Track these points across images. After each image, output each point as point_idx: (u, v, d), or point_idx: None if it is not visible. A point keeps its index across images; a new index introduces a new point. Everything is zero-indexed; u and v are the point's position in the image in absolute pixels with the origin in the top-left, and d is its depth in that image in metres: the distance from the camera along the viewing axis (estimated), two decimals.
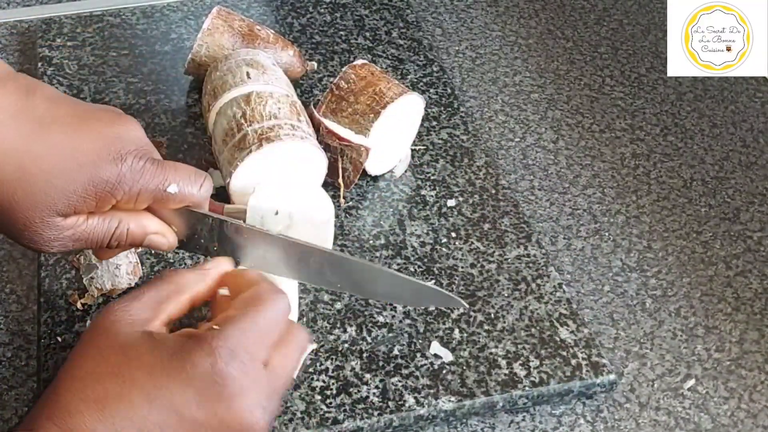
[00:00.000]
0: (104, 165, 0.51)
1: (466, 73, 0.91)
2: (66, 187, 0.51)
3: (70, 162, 0.51)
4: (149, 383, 0.45)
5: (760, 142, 0.86)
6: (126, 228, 0.55)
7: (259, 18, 0.92)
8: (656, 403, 0.64)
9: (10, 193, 0.50)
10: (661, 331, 0.69)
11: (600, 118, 0.87)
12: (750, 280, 0.73)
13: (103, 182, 0.51)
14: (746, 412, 0.64)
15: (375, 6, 0.96)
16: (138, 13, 0.92)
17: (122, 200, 0.53)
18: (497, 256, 0.71)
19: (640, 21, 1.00)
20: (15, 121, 0.50)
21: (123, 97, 0.81)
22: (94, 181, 0.51)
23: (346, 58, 0.88)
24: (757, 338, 0.69)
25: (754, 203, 0.80)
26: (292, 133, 0.67)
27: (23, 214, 0.51)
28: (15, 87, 0.51)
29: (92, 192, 0.52)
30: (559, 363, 0.63)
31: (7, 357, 0.63)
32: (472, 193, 0.76)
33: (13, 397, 0.61)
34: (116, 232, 0.55)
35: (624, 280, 0.73)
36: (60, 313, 0.63)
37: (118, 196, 0.53)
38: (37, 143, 0.50)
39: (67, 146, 0.51)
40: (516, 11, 1.00)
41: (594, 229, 0.77)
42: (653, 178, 0.81)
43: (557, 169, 0.82)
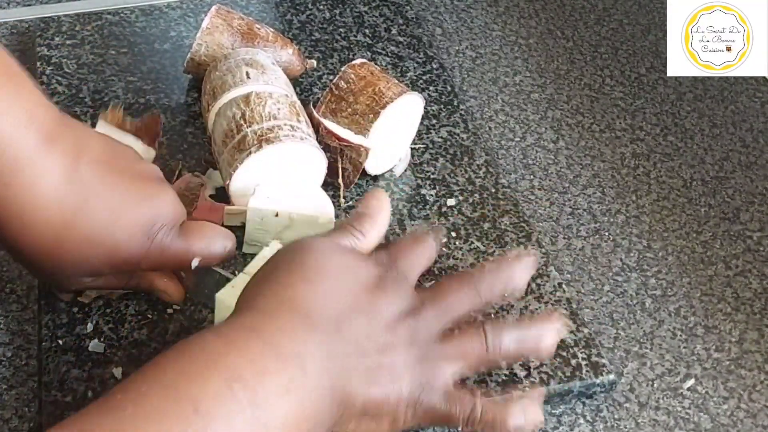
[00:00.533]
0: (135, 244, 0.55)
1: (467, 72, 0.91)
2: (98, 260, 0.55)
3: (107, 238, 0.54)
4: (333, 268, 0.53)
5: (760, 142, 0.86)
6: (136, 282, 0.60)
7: (258, 15, 0.92)
8: (656, 402, 0.64)
9: (44, 257, 0.54)
10: (661, 331, 0.69)
11: (600, 117, 0.87)
12: (750, 280, 0.73)
13: (132, 259, 0.56)
14: (746, 411, 0.64)
15: (374, 3, 0.96)
16: (137, 12, 0.92)
17: (145, 269, 0.58)
18: (497, 255, 0.71)
19: (640, 21, 1.00)
20: (60, 192, 0.52)
21: (122, 96, 0.81)
22: (124, 257, 0.55)
23: (345, 56, 0.88)
24: (757, 338, 0.69)
25: (754, 203, 0.80)
26: (292, 134, 0.67)
27: (51, 273, 0.56)
28: (63, 150, 0.53)
29: (120, 266, 0.56)
30: (558, 363, 0.63)
31: (7, 357, 0.63)
32: (472, 192, 0.76)
33: (13, 397, 0.61)
34: (128, 284, 0.60)
35: (624, 279, 0.73)
36: (61, 316, 0.63)
37: (143, 267, 0.57)
38: (77, 217, 0.53)
39: (106, 223, 0.54)
40: (516, 11, 1.00)
41: (594, 228, 0.77)
42: (653, 178, 0.81)
43: (557, 168, 0.82)
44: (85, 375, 0.59)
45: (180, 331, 0.62)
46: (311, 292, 0.51)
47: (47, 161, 0.52)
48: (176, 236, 0.57)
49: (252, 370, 0.45)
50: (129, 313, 0.63)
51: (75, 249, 0.54)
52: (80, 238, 0.53)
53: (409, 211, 0.74)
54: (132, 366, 0.60)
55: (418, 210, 0.74)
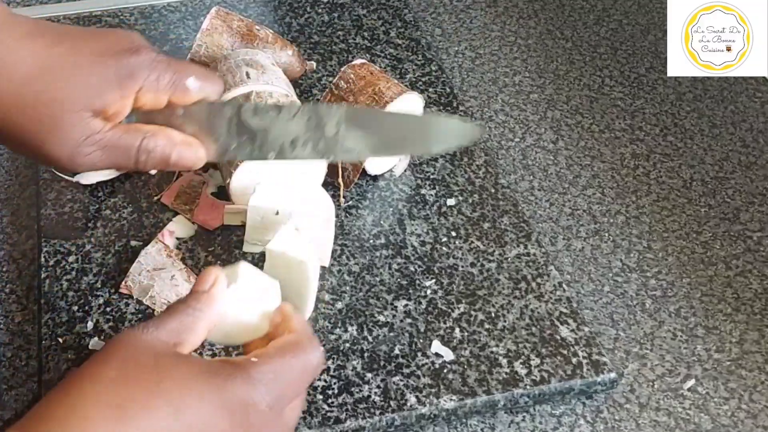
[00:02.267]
0: (123, 55, 0.53)
1: (466, 73, 0.91)
2: (89, 77, 0.52)
3: (90, 57, 0.52)
4: (178, 398, 0.43)
5: (759, 142, 0.86)
6: (152, 140, 0.55)
7: (257, 18, 0.92)
8: (656, 403, 0.64)
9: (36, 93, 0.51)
10: (661, 332, 0.69)
11: (600, 118, 0.87)
12: (750, 281, 0.73)
13: (124, 68, 0.53)
14: (746, 412, 0.64)
15: (373, 6, 0.96)
16: (136, 14, 0.92)
17: (144, 88, 0.54)
18: (497, 255, 0.71)
19: (639, 21, 1.00)
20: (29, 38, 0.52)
21: None
22: (116, 67, 0.53)
23: (344, 58, 0.88)
24: (757, 338, 0.69)
25: (753, 203, 0.80)
26: None
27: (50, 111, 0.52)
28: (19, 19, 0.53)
29: (114, 80, 0.53)
30: (559, 361, 0.63)
31: (7, 357, 0.63)
32: (472, 192, 0.76)
33: (13, 397, 0.60)
34: (143, 143, 0.54)
35: (624, 280, 0.72)
36: (61, 315, 0.63)
37: (140, 81, 0.53)
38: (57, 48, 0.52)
39: (85, 45, 0.53)
40: (515, 11, 1.00)
41: (594, 229, 0.76)
42: (653, 179, 0.81)
43: (557, 169, 0.82)
44: None
45: None
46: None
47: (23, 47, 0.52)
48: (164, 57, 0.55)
49: None
50: (129, 311, 0.63)
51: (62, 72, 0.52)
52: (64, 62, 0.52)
53: (409, 211, 0.74)
54: None
55: (417, 210, 0.74)
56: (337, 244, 0.70)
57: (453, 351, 0.63)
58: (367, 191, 0.75)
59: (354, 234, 0.71)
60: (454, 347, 0.64)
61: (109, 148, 0.53)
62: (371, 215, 0.73)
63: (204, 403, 0.44)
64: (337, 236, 0.70)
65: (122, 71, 0.52)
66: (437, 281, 0.68)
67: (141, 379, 0.43)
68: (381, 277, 0.68)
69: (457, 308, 0.66)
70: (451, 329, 0.65)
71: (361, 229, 0.72)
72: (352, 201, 0.74)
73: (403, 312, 0.66)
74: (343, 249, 0.70)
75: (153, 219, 0.70)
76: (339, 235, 0.71)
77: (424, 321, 0.65)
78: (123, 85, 0.53)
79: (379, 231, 0.72)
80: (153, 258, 0.65)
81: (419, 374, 0.62)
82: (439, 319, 0.65)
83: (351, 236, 0.71)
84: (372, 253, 0.70)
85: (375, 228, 0.72)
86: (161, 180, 0.73)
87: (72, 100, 0.52)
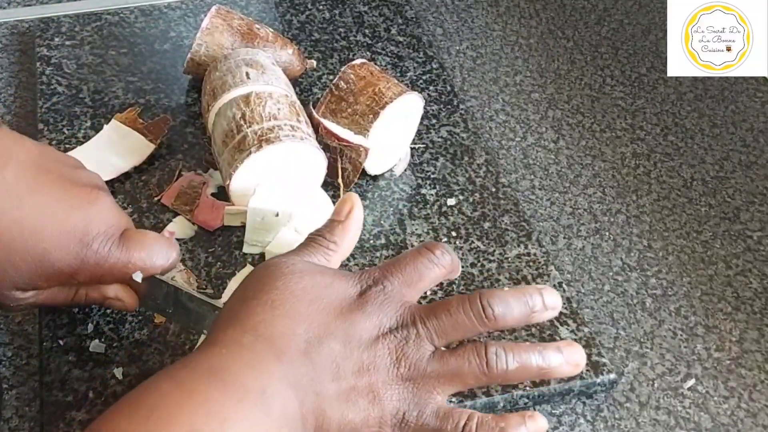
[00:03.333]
0: (67, 254, 0.51)
1: (467, 72, 0.91)
2: (28, 268, 0.51)
3: (34, 246, 0.50)
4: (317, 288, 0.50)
5: (760, 141, 0.86)
6: (84, 294, 0.57)
7: (258, 15, 0.92)
8: (656, 402, 0.64)
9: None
10: (661, 331, 0.69)
11: (600, 117, 0.87)
12: (750, 280, 0.73)
13: (66, 269, 0.52)
14: (746, 411, 0.64)
15: (374, 3, 0.96)
16: (136, 12, 0.92)
17: (84, 282, 0.54)
18: (497, 255, 0.71)
19: (640, 21, 1.00)
20: None
21: (122, 97, 0.81)
22: (56, 267, 0.51)
23: (345, 56, 0.88)
24: (757, 337, 0.69)
25: (754, 203, 0.80)
26: (292, 134, 0.67)
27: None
28: None
29: (54, 277, 0.52)
30: None
31: (8, 356, 0.63)
32: (473, 191, 0.76)
33: (13, 397, 0.61)
34: (75, 297, 0.57)
35: (624, 279, 0.73)
36: (61, 316, 0.63)
37: (80, 279, 0.54)
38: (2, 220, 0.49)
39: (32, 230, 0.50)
40: (517, 11, 1.00)
41: (594, 228, 0.77)
42: (653, 178, 0.81)
43: (558, 168, 0.82)
44: (86, 375, 0.59)
45: (180, 332, 0.62)
46: (277, 317, 0.48)
47: None
48: (115, 246, 0.53)
49: (212, 421, 0.42)
50: (129, 313, 0.63)
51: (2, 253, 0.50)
52: (5, 248, 0.50)
53: (410, 211, 0.74)
54: (133, 366, 0.60)
55: (418, 210, 0.74)
56: None
57: None
58: (367, 191, 0.75)
59: None
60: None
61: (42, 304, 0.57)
62: (371, 215, 0.73)
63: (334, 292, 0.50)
64: None
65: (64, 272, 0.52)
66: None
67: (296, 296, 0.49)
68: None
69: None
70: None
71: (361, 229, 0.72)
72: None
73: None
74: None
75: (153, 219, 0.70)
76: None
77: None
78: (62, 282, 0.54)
79: (379, 231, 0.72)
80: None
81: None
82: None
83: None
84: (372, 253, 0.70)
85: (375, 228, 0.72)
86: (161, 180, 0.73)
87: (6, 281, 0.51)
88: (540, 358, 0.50)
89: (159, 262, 0.56)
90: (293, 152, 0.67)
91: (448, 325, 0.50)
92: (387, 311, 0.50)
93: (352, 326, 0.49)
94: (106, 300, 0.58)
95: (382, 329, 0.50)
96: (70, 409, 0.57)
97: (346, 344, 0.48)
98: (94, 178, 0.56)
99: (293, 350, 0.47)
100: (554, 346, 0.51)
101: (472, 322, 0.50)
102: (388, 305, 0.50)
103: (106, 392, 0.59)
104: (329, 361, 0.47)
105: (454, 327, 0.50)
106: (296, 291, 0.49)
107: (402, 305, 0.51)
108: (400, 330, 0.50)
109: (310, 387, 0.46)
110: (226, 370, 0.45)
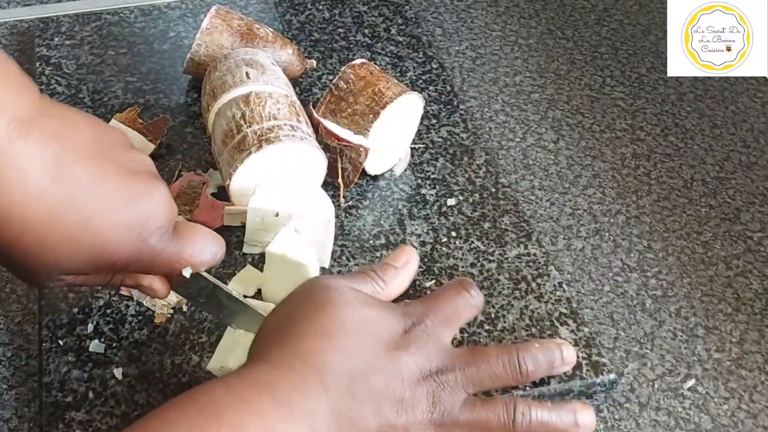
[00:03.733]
0: (125, 247, 0.50)
1: (467, 73, 0.91)
2: (82, 259, 0.50)
3: (93, 238, 0.49)
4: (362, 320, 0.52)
5: (760, 142, 0.86)
6: (120, 280, 0.56)
7: (257, 16, 0.92)
8: (656, 403, 0.64)
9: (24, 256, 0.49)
10: (662, 332, 0.69)
11: (600, 118, 0.87)
12: (750, 281, 0.73)
13: (120, 261, 0.51)
14: (746, 412, 0.64)
15: (374, 3, 0.96)
16: (136, 12, 0.92)
17: (132, 271, 0.54)
18: (497, 255, 0.71)
19: (640, 21, 1.00)
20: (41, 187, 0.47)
21: (122, 96, 0.81)
22: (112, 259, 0.50)
23: (345, 56, 0.88)
24: (758, 338, 0.69)
25: (754, 203, 0.80)
26: (292, 134, 0.67)
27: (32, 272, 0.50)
28: (41, 140, 0.47)
29: (106, 267, 0.51)
30: None
31: (7, 357, 0.63)
32: (472, 191, 0.76)
33: (13, 397, 0.60)
34: (110, 282, 0.56)
35: (624, 280, 0.72)
36: (61, 316, 0.63)
37: (130, 270, 0.53)
38: (61, 215, 0.48)
39: (93, 223, 0.49)
40: (516, 11, 1.00)
41: (594, 229, 0.76)
42: (654, 178, 0.81)
43: (557, 169, 0.82)
44: (86, 375, 0.59)
45: (180, 332, 0.62)
46: (328, 348, 0.50)
47: (23, 153, 0.46)
48: (170, 240, 0.52)
49: (259, 427, 0.44)
50: (129, 313, 0.63)
51: (58, 249, 0.48)
52: (64, 238, 0.48)
53: (409, 211, 0.74)
54: (132, 366, 0.60)
55: (418, 210, 0.74)
56: (337, 244, 0.70)
57: None
58: (367, 191, 0.75)
59: (354, 234, 0.71)
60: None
61: (77, 285, 0.56)
62: (371, 215, 0.73)
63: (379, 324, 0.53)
64: (337, 237, 0.70)
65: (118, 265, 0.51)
66: (437, 282, 0.68)
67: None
68: None
69: None
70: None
71: (361, 229, 0.72)
72: (352, 201, 0.74)
73: None
74: (343, 250, 0.70)
75: None
76: (339, 236, 0.71)
77: None
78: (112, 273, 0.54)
79: (379, 231, 0.72)
80: None
81: None
82: None
83: (351, 237, 0.71)
84: (372, 253, 0.70)
85: (375, 228, 0.72)
86: None
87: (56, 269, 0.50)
88: (558, 418, 0.54)
89: (207, 258, 0.56)
90: (293, 152, 0.67)
91: (485, 376, 0.53)
92: (429, 352, 0.53)
93: (396, 364, 0.51)
94: (140, 287, 0.57)
95: (423, 372, 0.52)
96: (70, 410, 0.57)
97: (390, 382, 0.50)
98: (148, 162, 0.54)
99: (340, 384, 0.49)
100: (570, 409, 0.55)
101: (507, 377, 0.54)
102: (430, 346, 0.53)
103: (105, 393, 0.58)
104: (372, 398, 0.50)
105: (491, 378, 0.54)
106: (347, 323, 0.51)
107: (442, 347, 0.54)
108: (440, 374, 0.52)
109: (352, 420, 0.49)
110: (277, 387, 0.47)
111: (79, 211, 0.48)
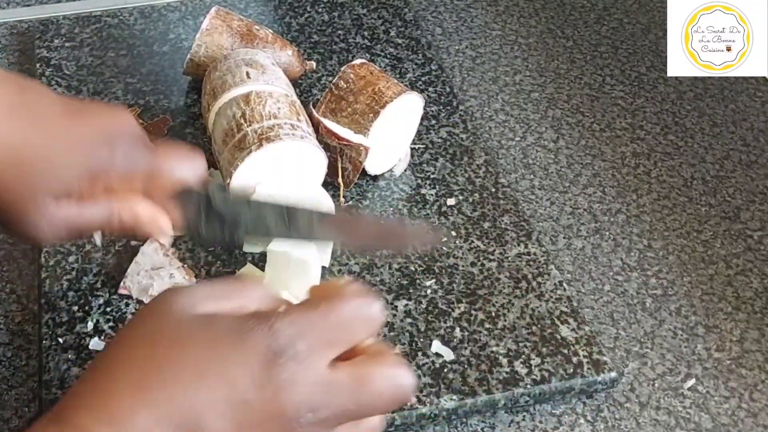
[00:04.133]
0: (97, 148, 0.53)
1: (467, 72, 0.91)
2: (60, 168, 0.52)
3: (64, 147, 0.52)
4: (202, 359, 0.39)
5: (760, 141, 0.86)
6: (118, 215, 0.55)
7: (257, 18, 0.92)
8: (657, 402, 0.64)
9: (6, 179, 0.51)
10: (662, 331, 0.69)
11: (600, 117, 0.87)
12: (750, 279, 0.73)
13: (97, 163, 0.53)
14: (747, 411, 0.64)
15: (373, 5, 0.96)
16: (136, 14, 0.92)
17: (116, 181, 0.54)
18: (498, 254, 0.71)
19: (640, 20, 1.00)
20: (10, 117, 0.51)
21: (122, 98, 0.81)
22: (88, 161, 0.53)
23: (344, 58, 0.88)
24: (758, 337, 0.69)
25: (754, 202, 0.80)
26: (292, 133, 0.67)
27: (19, 197, 0.52)
28: (7, 86, 0.52)
29: (85, 172, 0.53)
30: (560, 361, 0.63)
31: (7, 357, 0.63)
32: (472, 191, 0.76)
33: (13, 397, 0.60)
34: (108, 219, 0.55)
35: (624, 279, 0.72)
36: (61, 315, 0.63)
37: (111, 175, 0.54)
38: (32, 135, 0.51)
39: (61, 135, 0.52)
40: (516, 10, 1.00)
41: (594, 228, 0.76)
42: (654, 177, 0.81)
43: (557, 168, 0.82)
44: None
45: None
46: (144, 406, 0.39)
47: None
48: (142, 147, 0.55)
49: None
50: (129, 311, 0.63)
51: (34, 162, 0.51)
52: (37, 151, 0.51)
53: (410, 211, 0.74)
54: None
55: (418, 210, 0.74)
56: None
57: (453, 350, 0.63)
58: (367, 191, 0.75)
59: None
60: (454, 347, 0.64)
61: (74, 227, 0.55)
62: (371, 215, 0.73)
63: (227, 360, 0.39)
64: None
65: (93, 165, 0.53)
66: (437, 281, 0.68)
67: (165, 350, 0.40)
68: (381, 277, 0.68)
69: (457, 308, 0.66)
70: (451, 329, 0.65)
71: None
72: (352, 201, 0.74)
73: (403, 312, 0.66)
74: (344, 249, 0.70)
75: None
76: None
77: (425, 321, 0.65)
78: (92, 178, 0.53)
79: None
80: (150, 257, 0.65)
81: (419, 374, 0.62)
82: (439, 319, 0.65)
83: None
84: (372, 253, 0.70)
85: None
86: None
87: (40, 187, 0.52)
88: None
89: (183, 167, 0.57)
90: (293, 151, 0.67)
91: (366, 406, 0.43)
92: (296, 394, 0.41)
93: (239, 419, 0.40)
94: (139, 225, 0.56)
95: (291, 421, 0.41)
96: None
97: None
98: None
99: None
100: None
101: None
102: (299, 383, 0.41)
103: None
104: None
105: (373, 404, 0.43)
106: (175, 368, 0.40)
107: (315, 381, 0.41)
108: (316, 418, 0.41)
109: None
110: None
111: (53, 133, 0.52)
